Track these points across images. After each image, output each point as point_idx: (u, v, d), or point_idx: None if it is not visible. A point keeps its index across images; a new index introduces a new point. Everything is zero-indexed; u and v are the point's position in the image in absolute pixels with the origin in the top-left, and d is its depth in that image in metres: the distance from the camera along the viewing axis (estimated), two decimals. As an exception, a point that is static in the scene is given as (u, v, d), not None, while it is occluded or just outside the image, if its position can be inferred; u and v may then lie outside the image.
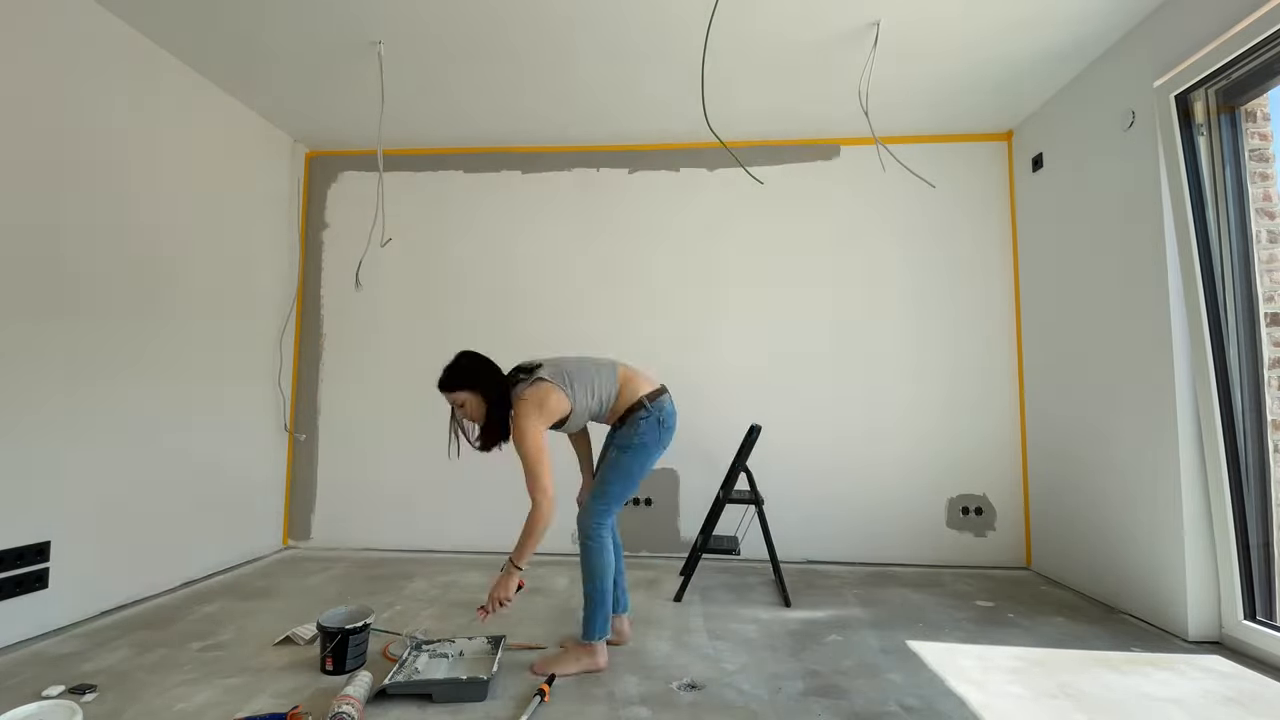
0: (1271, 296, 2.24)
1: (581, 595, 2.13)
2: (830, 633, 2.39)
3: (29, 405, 2.25)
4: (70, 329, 2.40)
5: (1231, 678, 2.02)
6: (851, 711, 1.78)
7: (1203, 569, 2.33)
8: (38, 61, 2.28)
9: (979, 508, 3.43)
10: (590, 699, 1.84)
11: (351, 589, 2.89)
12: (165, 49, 2.81)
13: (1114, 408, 2.72)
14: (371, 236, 3.63)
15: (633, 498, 2.14)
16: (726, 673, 2.03)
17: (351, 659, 1.98)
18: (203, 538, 3.05)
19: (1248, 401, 2.24)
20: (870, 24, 2.60)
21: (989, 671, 2.05)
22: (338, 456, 3.74)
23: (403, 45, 2.77)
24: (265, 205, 3.52)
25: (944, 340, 3.53)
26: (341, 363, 3.79)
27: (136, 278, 2.69)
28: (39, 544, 2.28)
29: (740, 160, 3.43)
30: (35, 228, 2.27)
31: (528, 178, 3.80)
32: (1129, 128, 2.62)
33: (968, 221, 3.58)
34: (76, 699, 1.78)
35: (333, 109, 3.36)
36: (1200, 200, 2.33)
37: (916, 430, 3.50)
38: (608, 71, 2.98)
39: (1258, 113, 2.30)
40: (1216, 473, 2.27)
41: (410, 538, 3.64)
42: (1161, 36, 2.46)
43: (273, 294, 3.60)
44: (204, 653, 2.14)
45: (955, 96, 3.19)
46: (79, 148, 2.43)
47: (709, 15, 2.46)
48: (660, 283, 3.70)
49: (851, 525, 3.48)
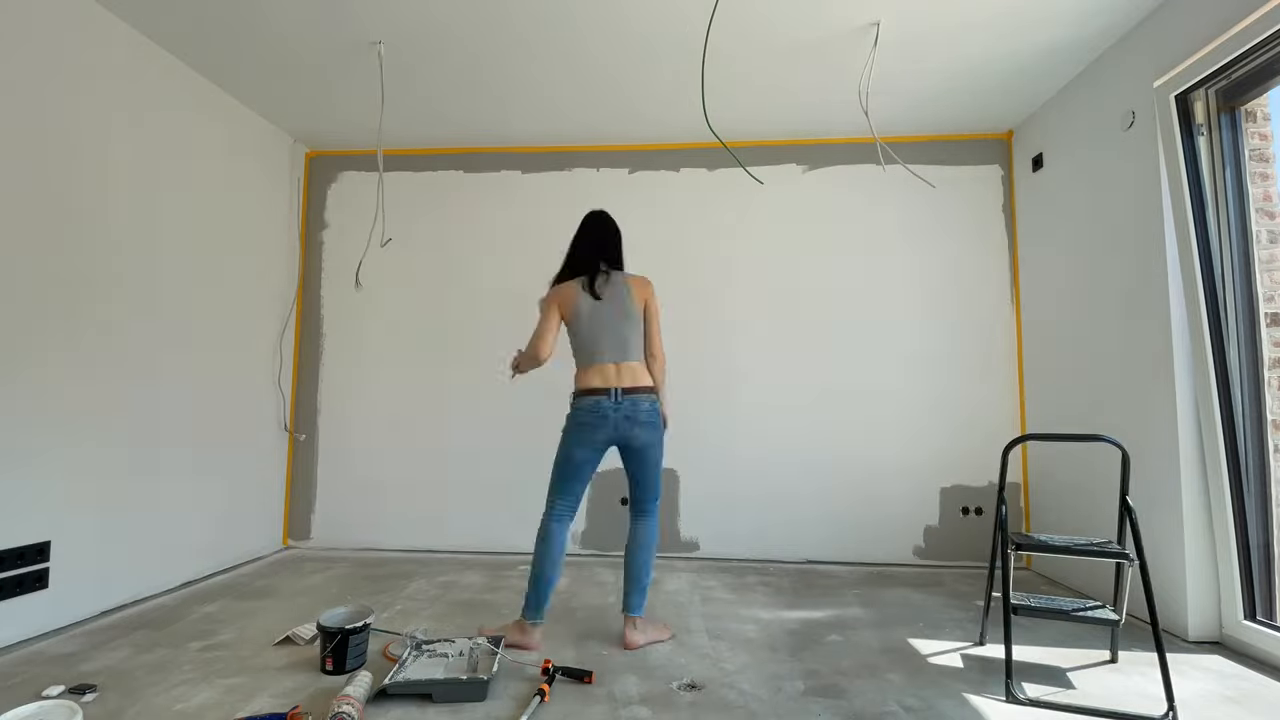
0: (1271, 296, 2.24)
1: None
2: (830, 633, 2.39)
3: (29, 405, 2.25)
4: (70, 329, 2.40)
5: (1231, 678, 2.02)
6: (851, 711, 1.78)
7: (1203, 569, 2.33)
8: (36, 60, 2.28)
9: (979, 507, 3.43)
10: (590, 699, 1.84)
11: (351, 589, 2.89)
12: (165, 49, 2.81)
13: (1114, 407, 2.72)
14: (371, 236, 3.63)
15: (566, 487, 2.32)
16: (726, 673, 2.03)
17: (351, 659, 1.98)
18: (203, 537, 3.05)
19: (1248, 401, 2.24)
20: (870, 24, 2.60)
21: (989, 671, 2.05)
22: (338, 456, 3.74)
23: (403, 45, 2.77)
24: (265, 205, 3.52)
25: (943, 340, 3.53)
26: (341, 363, 3.79)
27: (136, 277, 2.68)
28: (39, 544, 2.28)
29: (740, 160, 3.43)
30: (34, 227, 2.27)
31: (528, 178, 3.80)
32: (1129, 128, 2.62)
33: (967, 221, 3.57)
34: (76, 699, 1.77)
35: (333, 109, 3.36)
36: (1200, 200, 2.33)
37: (916, 429, 3.50)
38: (608, 71, 2.98)
39: (1258, 113, 2.30)
40: (1216, 473, 2.27)
41: (410, 538, 3.64)
42: (1161, 36, 2.46)
43: (273, 294, 3.60)
44: (204, 653, 2.14)
45: (955, 96, 3.19)
46: (78, 147, 2.43)
47: (709, 16, 2.46)
48: (660, 282, 3.68)
49: (851, 525, 3.48)
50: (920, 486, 3.47)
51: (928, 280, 3.57)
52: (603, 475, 3.60)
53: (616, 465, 3.58)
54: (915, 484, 3.47)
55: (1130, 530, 1.96)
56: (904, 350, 3.54)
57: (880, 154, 3.51)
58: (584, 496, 3.59)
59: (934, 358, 3.53)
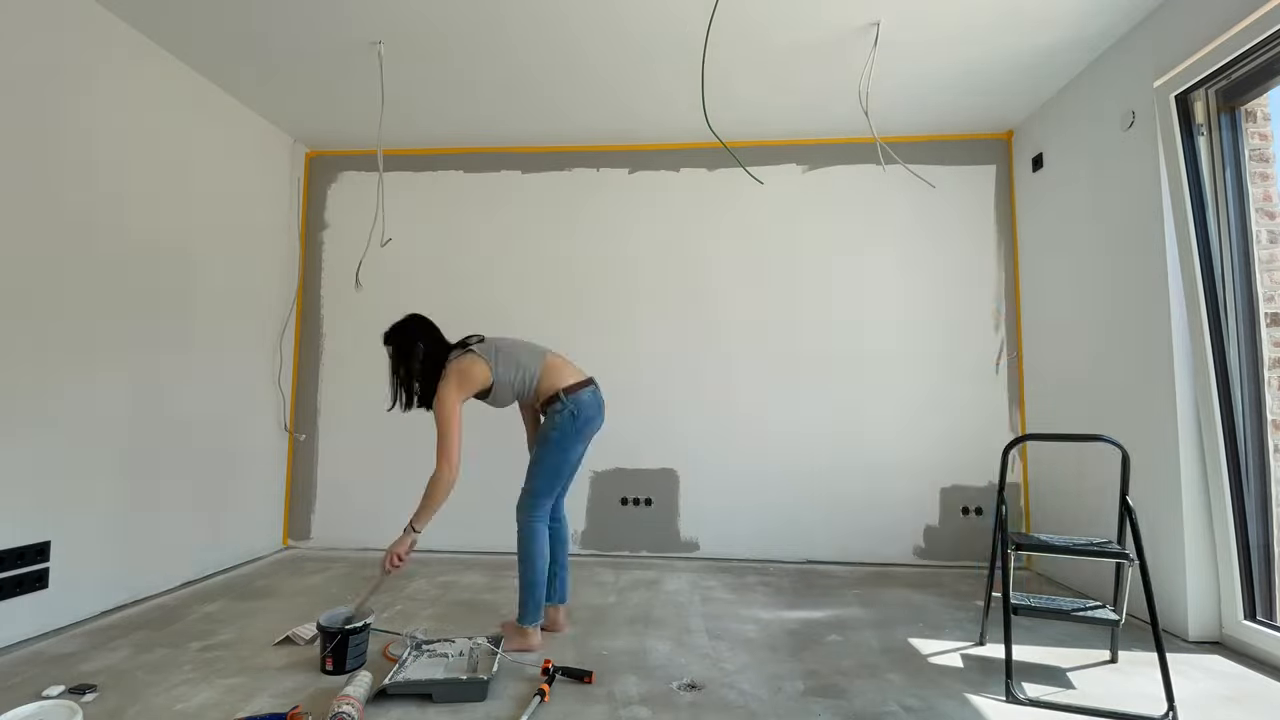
0: (1271, 296, 2.24)
1: None
2: (830, 633, 2.39)
3: (29, 405, 2.25)
4: (70, 329, 2.40)
5: (1231, 678, 2.03)
6: (851, 711, 1.78)
7: (1203, 569, 2.33)
8: (35, 59, 2.27)
9: (979, 507, 3.43)
10: (590, 699, 1.84)
11: (352, 589, 2.89)
12: (165, 49, 2.81)
13: (1114, 407, 2.72)
14: (371, 236, 3.63)
15: (565, 485, 2.36)
16: (726, 673, 2.03)
17: (352, 659, 1.98)
18: (203, 538, 3.05)
19: (1248, 401, 2.24)
20: (870, 24, 2.60)
21: (989, 671, 2.05)
22: (338, 456, 3.74)
23: (403, 45, 2.77)
24: (265, 205, 3.52)
25: (943, 340, 3.53)
26: (341, 363, 3.79)
27: (136, 277, 2.68)
28: (39, 544, 2.28)
29: (740, 160, 3.43)
30: (34, 227, 2.27)
31: (528, 178, 3.80)
32: (1129, 128, 2.62)
33: (968, 221, 3.57)
34: (76, 699, 1.77)
35: (333, 109, 3.36)
36: (1200, 200, 2.33)
37: (916, 430, 3.50)
38: (608, 71, 2.98)
39: (1258, 113, 2.30)
40: (1216, 473, 2.27)
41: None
42: (1161, 36, 2.46)
43: (273, 294, 3.60)
44: (204, 653, 2.14)
45: (955, 96, 3.19)
46: (77, 147, 2.43)
47: (709, 16, 2.46)
48: (660, 282, 3.70)
49: (851, 525, 3.48)
50: (920, 486, 3.47)
51: (928, 280, 3.56)
52: (603, 475, 3.61)
53: (615, 465, 3.60)
54: (915, 484, 3.47)
55: (1130, 530, 1.96)
56: (904, 350, 3.54)
57: (880, 154, 3.51)
58: (585, 496, 3.63)
59: (933, 357, 3.53)
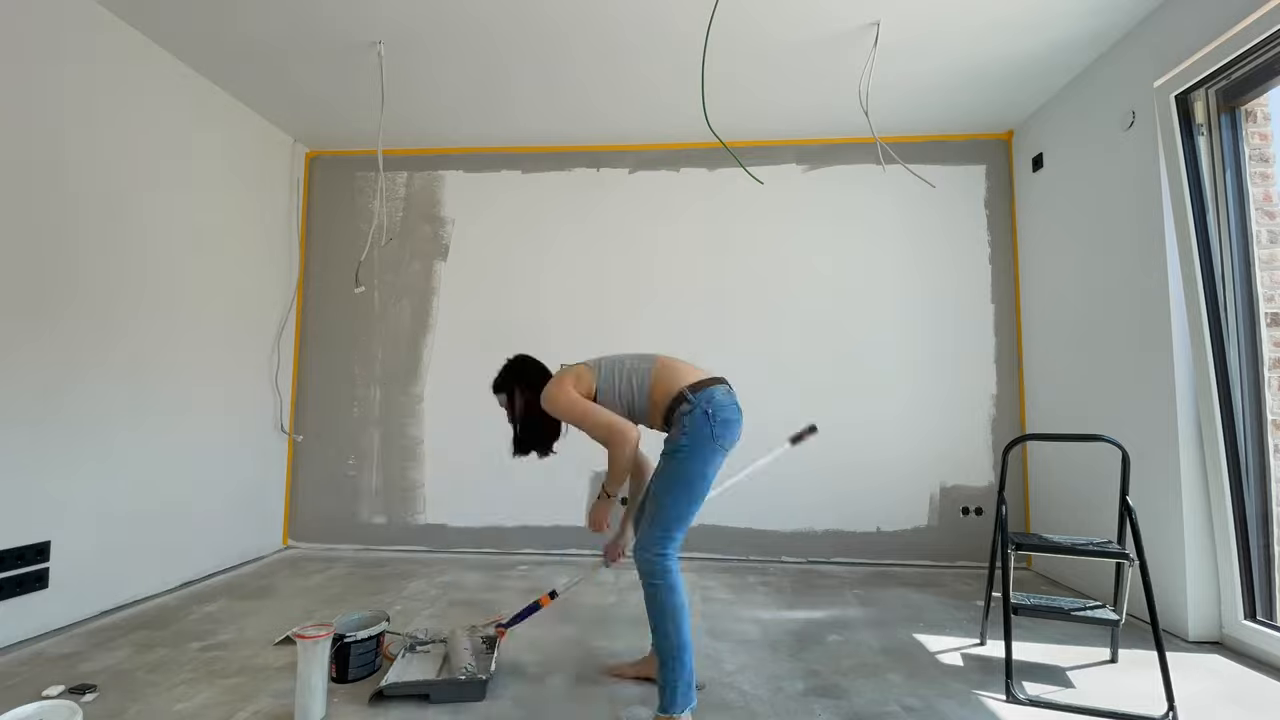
0: (1271, 296, 2.24)
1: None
2: (830, 633, 2.39)
3: (29, 405, 2.25)
4: (70, 329, 2.40)
5: (1231, 678, 2.03)
6: (851, 711, 1.78)
7: (1203, 569, 2.33)
8: (34, 59, 2.27)
9: (979, 507, 3.43)
10: (590, 699, 1.84)
11: (351, 589, 2.89)
12: (165, 48, 2.81)
13: (1114, 407, 2.72)
14: (371, 236, 3.63)
15: (695, 512, 1.86)
16: (726, 673, 2.03)
17: (356, 667, 1.93)
18: (203, 538, 3.05)
19: (1248, 401, 2.24)
20: (870, 24, 2.60)
21: (989, 671, 2.05)
22: (337, 457, 3.74)
23: (403, 45, 2.77)
24: (265, 205, 3.52)
25: (944, 340, 3.53)
26: (341, 363, 3.79)
27: (135, 277, 2.68)
28: (39, 544, 2.28)
29: (740, 160, 3.43)
30: (33, 227, 2.27)
31: (528, 177, 3.80)
32: (1129, 128, 2.62)
33: (968, 221, 3.57)
34: (76, 699, 1.77)
35: (333, 109, 3.35)
36: (1200, 200, 2.33)
37: (917, 430, 3.49)
38: (607, 71, 2.98)
39: (1258, 113, 2.30)
40: (1216, 473, 2.27)
41: (410, 538, 3.64)
42: (1161, 36, 2.46)
43: (272, 294, 3.60)
44: (204, 653, 2.14)
45: (955, 96, 3.19)
46: (77, 147, 2.43)
47: (709, 16, 2.46)
48: (659, 282, 3.70)
49: (851, 524, 3.48)
50: (920, 486, 3.47)
51: (927, 280, 3.56)
52: (602, 476, 3.59)
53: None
54: (915, 484, 3.47)
55: (1130, 530, 1.96)
56: (904, 349, 3.54)
57: (880, 154, 3.51)
58: (585, 496, 3.62)
59: (934, 357, 3.52)
